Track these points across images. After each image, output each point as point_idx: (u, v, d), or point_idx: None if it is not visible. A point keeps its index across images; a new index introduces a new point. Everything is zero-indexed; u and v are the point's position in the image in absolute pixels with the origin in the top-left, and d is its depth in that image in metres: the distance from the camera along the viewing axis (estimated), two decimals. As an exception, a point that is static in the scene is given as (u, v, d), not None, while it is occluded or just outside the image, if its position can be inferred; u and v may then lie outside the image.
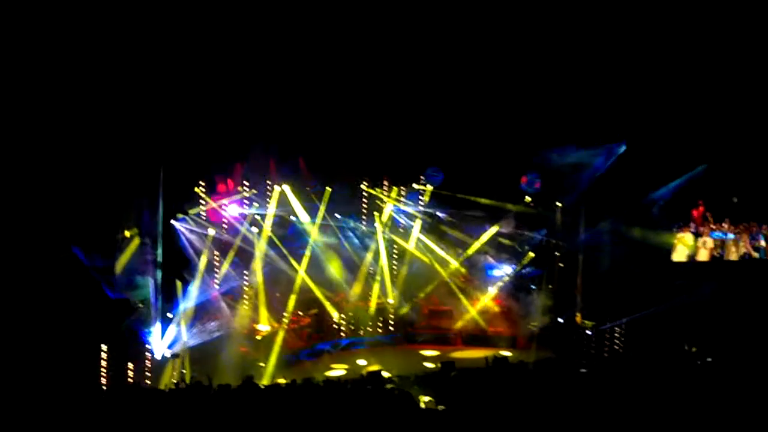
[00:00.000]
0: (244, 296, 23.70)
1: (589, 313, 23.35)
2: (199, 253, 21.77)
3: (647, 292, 21.85)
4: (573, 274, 24.43)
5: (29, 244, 17.28)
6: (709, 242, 23.08)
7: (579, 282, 24.19)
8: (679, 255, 23.28)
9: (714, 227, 23.21)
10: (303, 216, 24.52)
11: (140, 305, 19.02)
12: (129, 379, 18.33)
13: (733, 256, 22.92)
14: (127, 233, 19.25)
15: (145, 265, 19.26)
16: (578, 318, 23.89)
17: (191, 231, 21.71)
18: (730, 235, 22.91)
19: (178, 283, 20.64)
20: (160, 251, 19.58)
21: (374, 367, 20.43)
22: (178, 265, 20.77)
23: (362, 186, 26.03)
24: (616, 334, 22.43)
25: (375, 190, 26.20)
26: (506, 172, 25.34)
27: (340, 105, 22.13)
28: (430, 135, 23.47)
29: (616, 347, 22.26)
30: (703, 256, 23.15)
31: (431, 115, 22.98)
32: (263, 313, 23.27)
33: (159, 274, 19.50)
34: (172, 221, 20.98)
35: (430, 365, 21.81)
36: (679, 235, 23.23)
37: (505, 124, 23.06)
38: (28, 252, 17.33)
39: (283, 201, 24.04)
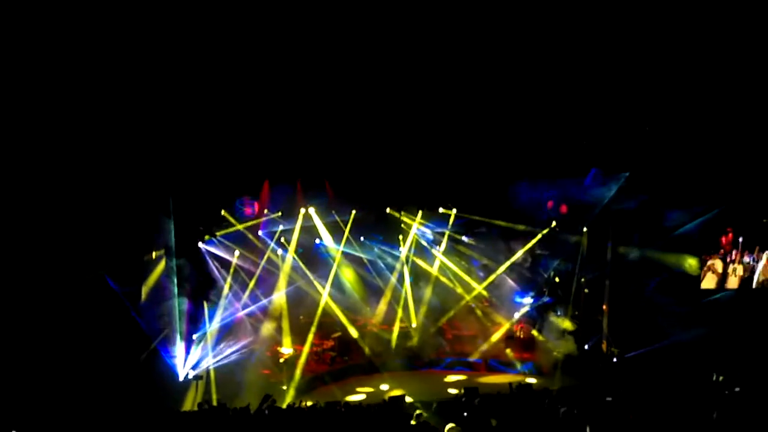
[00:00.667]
0: (268, 318, 23.81)
1: (615, 341, 23.10)
2: (224, 275, 21.94)
3: (675, 320, 21.58)
4: (599, 301, 24.23)
5: (56, 265, 17.50)
6: (739, 269, 22.77)
7: (605, 308, 23.96)
8: (708, 282, 22.98)
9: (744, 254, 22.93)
10: (327, 239, 24.64)
11: (166, 328, 19.15)
12: (153, 401, 18.43)
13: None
14: (153, 255, 19.46)
15: (170, 287, 19.43)
16: (604, 345, 23.64)
17: (217, 253, 21.89)
18: (761, 263, 22.59)
19: (204, 305, 20.75)
20: (184, 273, 19.74)
21: (397, 392, 20.36)
22: (204, 287, 20.92)
23: (387, 210, 26.08)
24: (642, 362, 22.12)
25: (400, 214, 26.26)
26: (533, 196, 25.30)
27: (367, 130, 22.30)
28: (456, 160, 23.54)
29: (642, 375, 21.92)
30: (732, 283, 22.84)
31: (458, 141, 23.07)
32: (286, 335, 23.31)
33: (183, 295, 19.64)
34: (199, 243, 21.16)
35: (453, 391, 21.65)
36: (709, 261, 22.94)
37: (529, 149, 23.07)
38: (54, 274, 17.57)
39: (309, 224, 24.17)
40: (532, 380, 22.23)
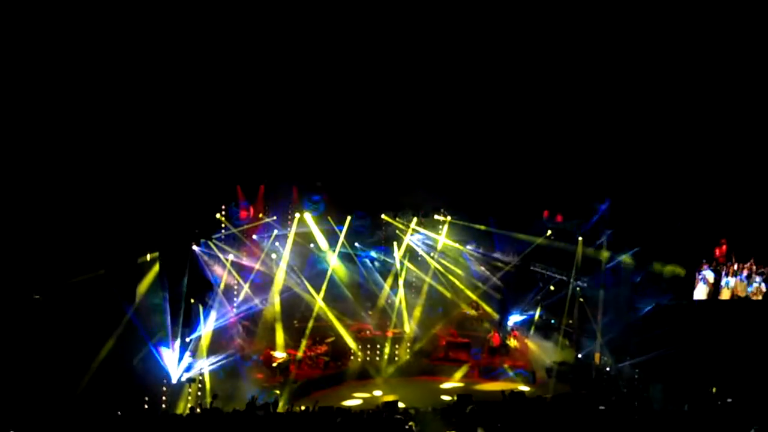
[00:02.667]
0: (262, 322, 23.77)
1: (609, 350, 23.13)
2: (218, 278, 21.88)
3: (668, 330, 21.63)
4: (593, 311, 24.26)
5: (51, 267, 17.47)
6: (732, 281, 22.88)
7: (599, 318, 23.99)
8: (700, 293, 23.07)
9: (737, 267, 23.05)
10: (323, 243, 24.60)
11: (160, 331, 19.08)
12: (145, 404, 18.37)
13: (758, 296, 22.72)
14: (148, 257, 19.39)
15: (164, 289, 19.35)
16: (597, 355, 23.67)
17: (211, 256, 21.83)
18: (757, 281, 22.79)
19: (198, 308, 20.68)
20: (179, 275, 19.69)
21: (390, 398, 20.32)
22: (198, 290, 20.84)
23: (383, 216, 26.07)
24: (635, 371, 22.16)
25: (395, 220, 26.26)
26: (529, 205, 25.41)
27: (365, 136, 22.38)
28: (453, 167, 23.60)
29: (635, 384, 21.96)
30: (725, 294, 22.94)
31: (454, 148, 23.16)
32: (280, 339, 23.26)
33: (177, 298, 19.58)
34: (193, 246, 21.10)
35: (446, 397, 21.63)
36: (701, 272, 23.04)
37: (526, 158, 23.20)
38: (49, 275, 17.53)
39: (304, 229, 24.14)
40: (525, 388, 22.26)
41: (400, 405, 18.70)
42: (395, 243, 26.29)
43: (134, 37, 16.83)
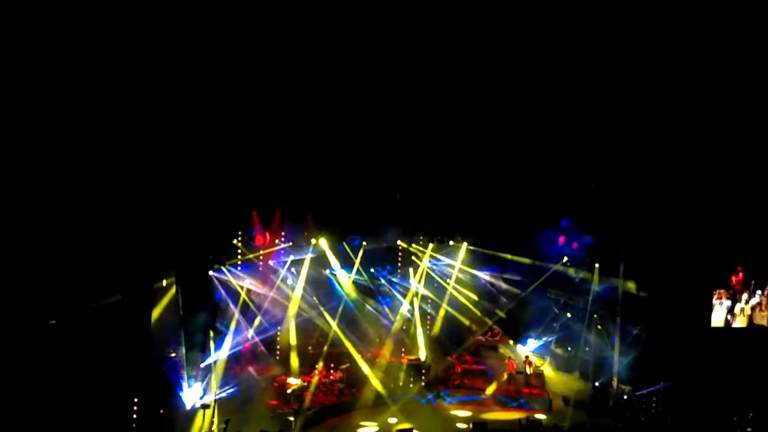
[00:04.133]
0: (276, 348, 23.74)
1: (626, 378, 22.88)
2: (234, 304, 21.92)
3: (685, 358, 21.40)
4: (610, 338, 24.04)
5: (66, 291, 17.59)
6: (747, 309, 22.63)
7: (617, 346, 23.76)
8: (717, 320, 22.83)
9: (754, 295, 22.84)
10: (338, 269, 24.61)
11: (173, 355, 19.10)
12: (159, 429, 18.35)
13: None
14: (164, 282, 19.48)
15: (180, 315, 19.38)
16: (614, 382, 23.40)
17: (227, 281, 21.90)
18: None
19: (212, 333, 20.69)
20: (194, 301, 19.74)
21: (405, 426, 20.18)
22: (213, 315, 20.88)
23: (398, 242, 26.08)
24: (653, 400, 21.88)
25: (411, 246, 26.27)
26: (545, 231, 25.37)
27: (378, 162, 22.50)
28: (470, 193, 23.70)
29: (653, 412, 21.69)
30: (741, 322, 22.68)
31: (470, 174, 23.25)
32: (294, 365, 23.20)
33: (192, 323, 19.62)
34: (210, 272, 21.18)
35: (462, 425, 21.43)
36: (718, 300, 22.81)
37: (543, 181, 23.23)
38: (65, 299, 17.65)
39: (319, 254, 24.18)
40: (541, 416, 22.03)
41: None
42: (411, 269, 26.28)
43: (152, 60, 17.07)
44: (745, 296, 22.72)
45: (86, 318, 17.76)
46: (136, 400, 17.87)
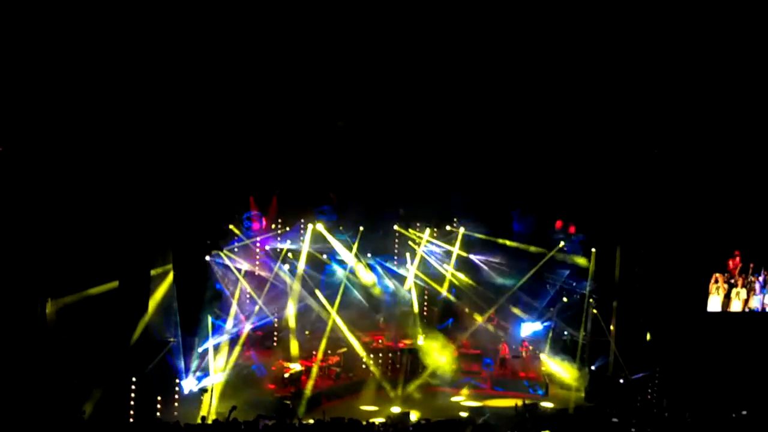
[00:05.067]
0: (275, 333, 23.77)
1: (623, 362, 22.99)
2: (231, 289, 21.92)
3: (681, 342, 21.51)
4: (607, 322, 24.13)
5: (64, 277, 17.62)
6: (743, 293, 22.72)
7: (612, 330, 23.86)
8: (714, 305, 22.93)
9: (753, 278, 22.90)
10: (343, 253, 24.56)
11: (171, 340, 19.12)
12: (157, 414, 18.41)
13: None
14: (161, 268, 19.44)
15: (177, 299, 19.38)
16: (610, 367, 23.53)
17: (224, 267, 21.89)
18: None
19: (210, 318, 20.71)
20: (191, 286, 19.75)
21: (402, 410, 20.30)
22: (210, 300, 20.88)
23: (395, 227, 26.08)
24: (649, 385, 22.01)
25: (408, 231, 26.27)
26: (540, 216, 25.41)
27: (377, 146, 22.48)
28: (465, 177, 23.67)
29: (649, 397, 21.83)
30: (736, 307, 22.78)
31: (467, 158, 23.21)
32: (293, 350, 23.26)
33: (190, 308, 19.63)
34: (206, 257, 21.16)
35: (462, 412, 21.53)
36: (714, 284, 22.90)
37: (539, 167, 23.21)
38: (63, 284, 17.69)
39: (316, 239, 24.16)
40: (538, 401, 22.15)
41: (412, 417, 18.70)
42: (408, 254, 26.29)
43: (148, 46, 16.96)
44: (741, 280, 22.81)
45: (83, 304, 17.83)
46: (133, 386, 17.94)
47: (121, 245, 18.17)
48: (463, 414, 20.80)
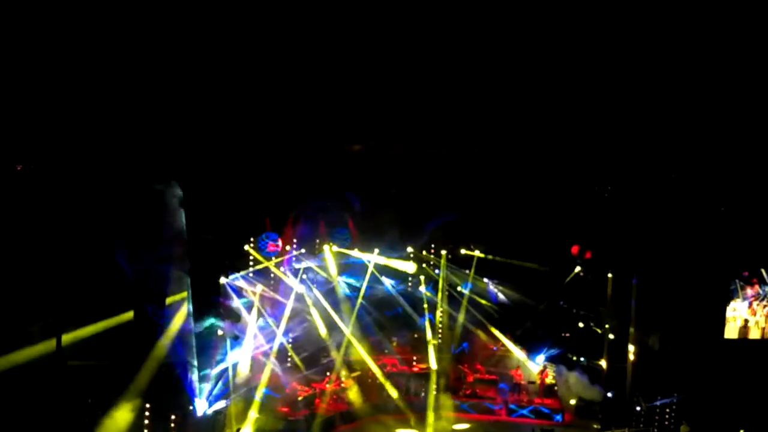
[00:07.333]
0: (289, 355, 23.74)
1: (639, 389, 22.72)
2: (247, 312, 21.92)
3: (699, 370, 21.26)
4: (624, 348, 23.89)
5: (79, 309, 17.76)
6: (762, 321, 22.45)
7: (629, 356, 23.62)
8: (731, 332, 22.67)
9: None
10: (350, 277, 24.60)
11: (187, 361, 19.13)
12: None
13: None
14: (180, 293, 19.43)
15: (193, 321, 19.39)
16: (628, 393, 23.26)
17: (240, 289, 21.92)
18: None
19: (226, 340, 20.70)
20: (208, 308, 19.80)
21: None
22: (226, 322, 20.88)
23: (408, 249, 26.05)
24: (666, 411, 21.72)
25: (422, 253, 26.24)
26: (558, 240, 25.26)
27: (390, 170, 22.59)
28: (480, 201, 23.70)
29: (666, 424, 21.54)
30: (754, 333, 22.51)
31: (482, 180, 23.26)
32: (306, 373, 23.22)
33: (206, 330, 19.67)
34: (222, 279, 21.21)
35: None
36: (732, 312, 22.66)
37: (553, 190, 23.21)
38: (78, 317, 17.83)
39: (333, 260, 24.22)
40: (554, 426, 21.93)
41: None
42: (422, 278, 26.23)
43: (169, 69, 17.13)
44: (760, 308, 22.57)
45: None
46: (147, 405, 17.94)
47: (137, 276, 18.25)
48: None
